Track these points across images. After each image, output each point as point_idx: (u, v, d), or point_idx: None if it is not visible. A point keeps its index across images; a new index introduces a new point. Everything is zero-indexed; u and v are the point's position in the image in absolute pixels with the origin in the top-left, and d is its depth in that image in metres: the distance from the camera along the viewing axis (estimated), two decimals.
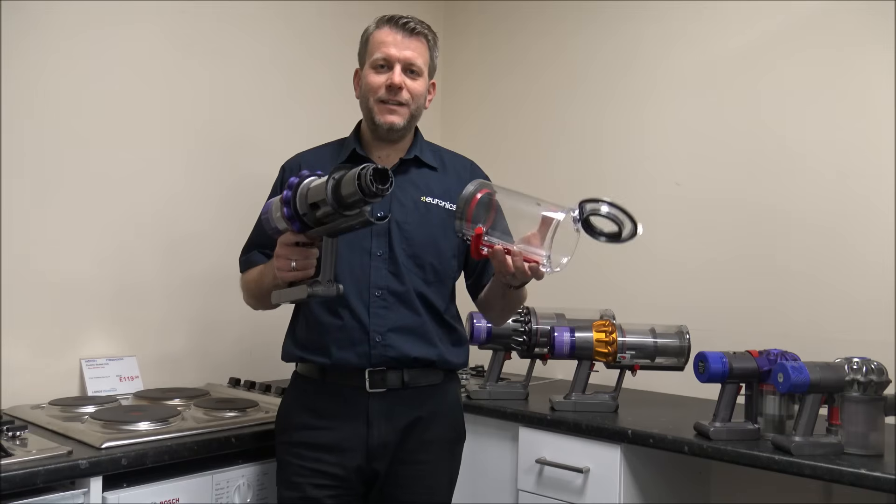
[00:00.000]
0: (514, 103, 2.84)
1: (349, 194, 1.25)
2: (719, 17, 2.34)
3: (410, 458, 1.60)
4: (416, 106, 1.65)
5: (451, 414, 1.69)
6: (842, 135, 2.09)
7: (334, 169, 1.29)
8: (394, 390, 1.58)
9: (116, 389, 2.04)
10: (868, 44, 2.06)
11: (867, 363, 1.59)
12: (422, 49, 1.64)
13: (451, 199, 1.64)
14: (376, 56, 1.62)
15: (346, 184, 1.26)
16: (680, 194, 2.39)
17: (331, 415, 1.58)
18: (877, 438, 1.58)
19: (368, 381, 1.57)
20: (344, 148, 1.70)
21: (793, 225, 2.16)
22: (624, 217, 1.38)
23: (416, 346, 1.59)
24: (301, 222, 1.35)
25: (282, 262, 1.39)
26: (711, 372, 1.70)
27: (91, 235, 2.07)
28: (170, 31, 2.23)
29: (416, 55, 1.63)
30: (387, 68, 1.61)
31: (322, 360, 1.59)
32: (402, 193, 1.63)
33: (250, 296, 1.72)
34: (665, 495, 1.93)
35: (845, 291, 2.06)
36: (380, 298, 1.58)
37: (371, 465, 1.58)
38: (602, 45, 2.61)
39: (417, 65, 1.63)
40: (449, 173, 1.72)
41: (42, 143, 1.98)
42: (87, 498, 1.44)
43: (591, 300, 2.28)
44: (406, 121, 1.64)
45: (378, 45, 1.62)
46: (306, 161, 1.69)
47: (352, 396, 1.58)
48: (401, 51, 1.61)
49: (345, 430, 1.57)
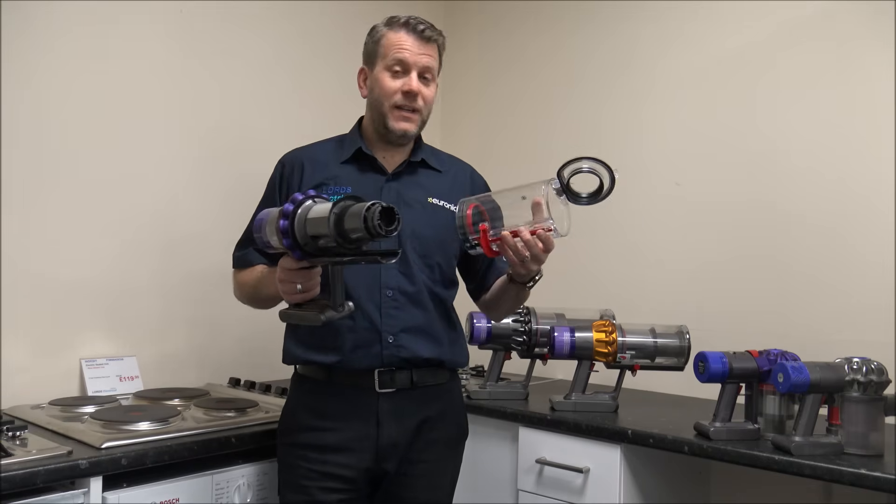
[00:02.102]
0: (512, 100, 2.85)
1: (353, 229, 1.22)
2: (716, 17, 2.34)
3: (418, 458, 1.60)
4: (427, 112, 1.65)
5: (457, 412, 1.70)
6: (841, 134, 2.09)
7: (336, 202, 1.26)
8: (403, 390, 1.58)
9: (116, 389, 2.04)
10: (868, 42, 2.06)
11: (867, 363, 1.58)
12: (435, 55, 1.65)
13: (454, 202, 1.63)
14: (392, 59, 1.59)
15: (349, 219, 1.23)
16: (679, 194, 2.39)
17: (339, 416, 1.57)
18: (877, 438, 1.58)
19: (378, 382, 1.56)
20: (347, 145, 1.68)
21: (792, 224, 2.16)
22: (601, 168, 1.44)
23: (427, 346, 1.60)
24: (301, 251, 1.31)
25: (287, 287, 1.37)
26: (711, 372, 1.70)
27: (91, 235, 2.07)
28: (171, 30, 2.23)
29: (431, 61, 1.63)
30: (403, 73, 1.60)
31: (331, 361, 1.57)
32: (411, 194, 1.64)
33: (245, 296, 1.72)
34: (665, 495, 1.93)
35: (845, 291, 2.06)
36: (391, 299, 1.57)
37: (380, 466, 1.57)
38: (600, 45, 2.61)
39: (432, 71, 1.64)
40: (451, 176, 1.73)
41: (42, 144, 1.98)
42: (87, 498, 1.44)
43: (591, 300, 2.28)
44: (418, 128, 1.64)
45: (394, 47, 1.60)
46: (307, 157, 1.67)
47: (360, 397, 1.57)
48: (417, 57, 1.60)
49: (354, 431, 1.56)
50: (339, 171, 1.63)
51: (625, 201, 2.48)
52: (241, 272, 1.71)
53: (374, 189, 1.61)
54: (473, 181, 1.78)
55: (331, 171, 1.63)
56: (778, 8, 2.21)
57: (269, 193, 1.70)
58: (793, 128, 2.17)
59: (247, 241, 1.71)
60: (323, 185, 1.61)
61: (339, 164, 1.64)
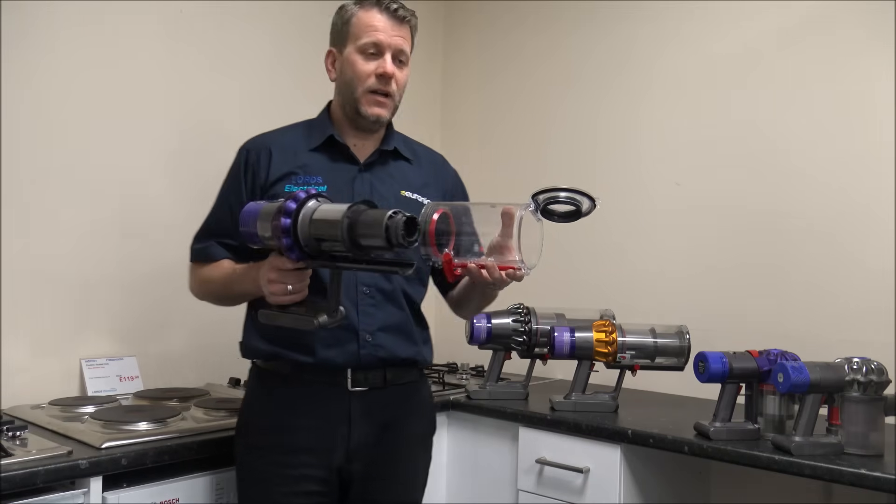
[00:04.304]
0: (510, 99, 2.85)
1: (368, 237, 1.18)
2: (714, 17, 2.34)
3: (389, 457, 1.56)
4: (399, 97, 1.58)
5: (426, 409, 1.68)
6: (840, 133, 2.09)
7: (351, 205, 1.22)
8: (374, 389, 1.53)
9: (116, 389, 2.04)
10: (867, 42, 2.06)
11: (867, 363, 1.58)
12: (408, 36, 1.57)
13: (427, 195, 1.61)
14: (365, 41, 1.51)
15: (366, 226, 1.19)
16: (678, 194, 2.39)
17: (310, 415, 1.51)
18: (877, 438, 1.58)
19: (351, 380, 1.51)
20: (316, 131, 1.59)
21: (792, 224, 2.16)
22: (580, 197, 1.42)
23: (404, 345, 1.57)
24: (301, 251, 1.26)
25: (277, 287, 1.33)
26: (711, 372, 1.70)
27: (91, 235, 2.07)
28: (171, 30, 2.23)
29: (405, 42, 1.55)
30: (376, 55, 1.52)
31: (303, 359, 1.50)
32: (384, 187, 1.58)
33: (207, 293, 1.63)
34: (665, 495, 1.93)
35: (845, 290, 2.06)
36: (368, 296, 1.52)
37: (350, 466, 1.52)
38: (597, 44, 2.61)
39: (406, 53, 1.56)
40: (423, 165, 1.68)
41: (42, 143, 1.98)
42: (87, 498, 1.43)
43: (591, 300, 2.28)
44: (390, 113, 1.58)
45: (367, 28, 1.51)
46: (274, 143, 1.57)
47: (332, 395, 1.51)
48: (391, 37, 1.52)
49: (326, 431, 1.50)
50: (309, 160, 1.55)
51: (624, 201, 2.50)
52: (203, 267, 1.62)
53: (346, 180, 1.55)
54: (446, 172, 1.73)
55: (300, 160, 1.55)
56: (776, 8, 2.21)
57: (233, 183, 1.60)
58: (790, 127, 2.17)
59: (207, 233, 1.63)
60: (292, 174, 1.53)
61: (308, 152, 1.56)
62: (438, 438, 2.16)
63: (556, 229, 1.46)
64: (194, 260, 1.64)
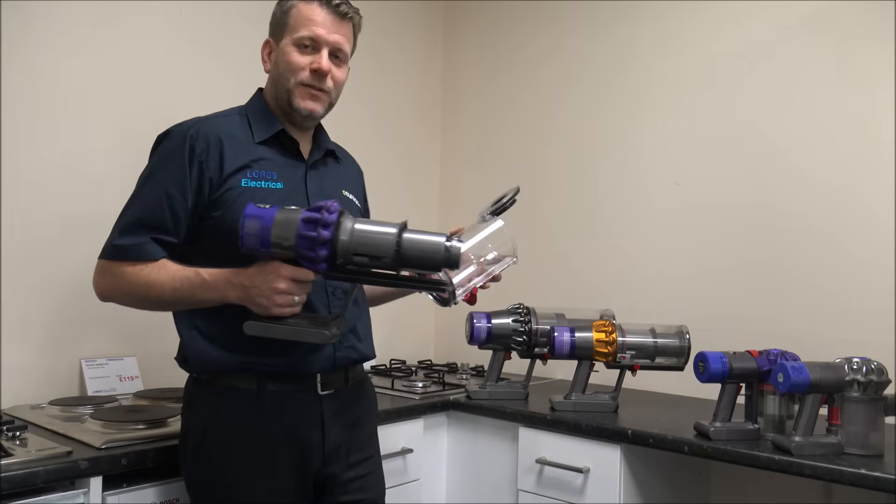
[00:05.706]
0: (511, 100, 2.85)
1: (422, 260, 1.21)
2: (715, 17, 2.35)
3: (359, 457, 1.54)
4: (336, 95, 1.54)
5: (374, 404, 1.67)
6: (839, 134, 2.09)
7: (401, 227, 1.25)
8: (339, 390, 1.50)
9: (116, 389, 2.03)
10: (868, 42, 2.06)
11: (867, 363, 1.59)
12: (349, 35, 1.53)
13: (356, 196, 1.64)
14: (302, 34, 1.47)
15: (422, 251, 1.21)
16: (678, 194, 2.39)
17: (282, 425, 1.42)
18: (877, 438, 1.58)
19: (321, 384, 1.46)
20: (260, 122, 1.51)
21: (792, 224, 2.16)
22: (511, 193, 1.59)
23: (367, 344, 1.58)
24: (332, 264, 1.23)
25: (284, 299, 1.28)
26: (711, 372, 1.70)
27: (90, 235, 2.06)
28: (171, 30, 2.23)
29: (344, 40, 1.50)
30: (312, 49, 1.47)
31: (272, 368, 1.41)
32: (329, 187, 1.56)
33: (139, 298, 1.43)
34: (665, 495, 1.93)
35: (845, 290, 2.06)
36: (336, 298, 1.49)
37: (325, 469, 1.47)
38: (598, 45, 2.61)
39: (344, 51, 1.52)
40: (347, 164, 1.68)
41: (42, 142, 1.98)
42: (87, 498, 1.43)
43: (591, 300, 2.28)
44: (325, 109, 1.53)
45: (305, 21, 1.47)
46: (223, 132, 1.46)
47: (304, 402, 1.45)
48: (330, 33, 1.48)
49: (301, 439, 1.44)
50: (261, 153, 1.48)
51: (624, 201, 2.50)
52: (133, 265, 1.40)
53: (298, 178, 1.50)
54: (359, 170, 1.74)
55: (252, 152, 1.47)
56: (776, 8, 2.21)
57: (173, 171, 1.42)
58: (791, 127, 2.18)
59: (139, 226, 1.42)
60: (246, 167, 1.44)
61: (255, 145, 1.48)
62: (439, 438, 2.17)
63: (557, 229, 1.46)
64: (122, 258, 1.41)
